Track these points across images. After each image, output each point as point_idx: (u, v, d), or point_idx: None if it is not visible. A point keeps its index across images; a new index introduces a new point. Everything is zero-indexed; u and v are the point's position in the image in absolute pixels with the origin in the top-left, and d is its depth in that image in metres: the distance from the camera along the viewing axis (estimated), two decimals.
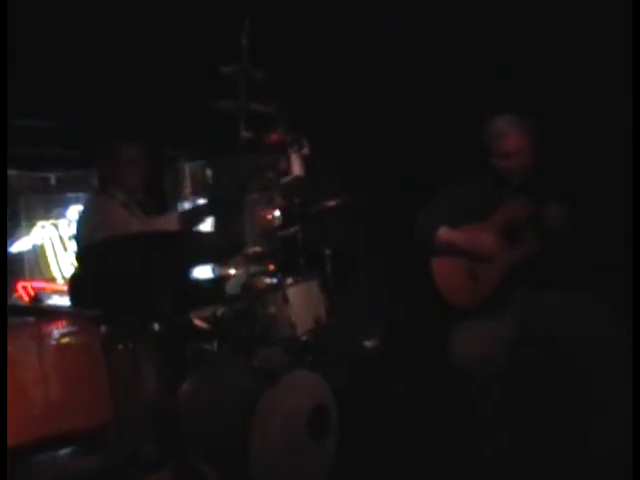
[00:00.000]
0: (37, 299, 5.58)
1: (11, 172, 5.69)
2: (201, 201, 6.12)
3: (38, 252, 6.00)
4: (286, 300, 3.67)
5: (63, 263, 5.96)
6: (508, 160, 3.75)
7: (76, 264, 4.26)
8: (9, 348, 3.32)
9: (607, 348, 3.38)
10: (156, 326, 3.66)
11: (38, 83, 4.87)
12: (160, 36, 5.04)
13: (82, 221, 4.23)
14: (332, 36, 5.16)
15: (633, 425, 2.94)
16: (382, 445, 3.94)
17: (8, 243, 5.63)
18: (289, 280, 3.79)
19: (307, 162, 4.29)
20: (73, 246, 5.91)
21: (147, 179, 4.38)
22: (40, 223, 6.10)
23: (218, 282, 4.41)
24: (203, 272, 4.58)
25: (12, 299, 5.62)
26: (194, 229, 4.22)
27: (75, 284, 4.24)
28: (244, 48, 3.52)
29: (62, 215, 6.21)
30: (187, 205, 6.58)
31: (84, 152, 5.69)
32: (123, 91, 5.29)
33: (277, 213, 4.47)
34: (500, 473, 3.54)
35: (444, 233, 3.81)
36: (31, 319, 4.01)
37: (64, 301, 5.23)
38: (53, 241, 6.02)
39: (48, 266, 5.98)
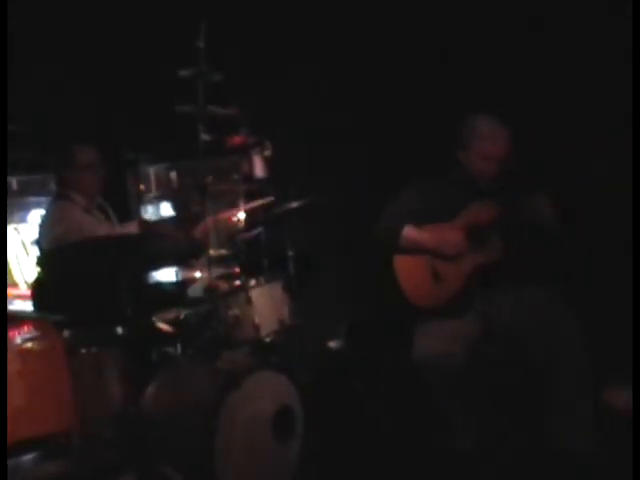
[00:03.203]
0: None
1: None
2: (164, 207, 6.11)
3: None
4: (250, 302, 3.68)
5: (25, 268, 5.91)
6: (487, 163, 3.74)
7: (38, 269, 4.22)
8: None
9: (567, 345, 3.42)
10: (119, 330, 3.66)
11: None
12: (119, 40, 5.02)
13: (45, 227, 4.20)
14: (291, 35, 5.17)
15: (633, 428, 2.97)
16: (347, 445, 3.96)
17: None
18: (252, 282, 3.80)
19: (269, 164, 4.30)
20: (35, 251, 5.86)
21: (106, 183, 4.36)
22: None
23: (181, 285, 4.41)
24: (166, 275, 4.57)
25: None
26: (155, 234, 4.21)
27: (38, 289, 4.21)
28: (201, 51, 3.52)
29: (24, 219, 6.15)
30: (151, 208, 6.56)
31: (46, 156, 5.65)
32: (84, 95, 5.26)
33: (240, 215, 4.46)
34: (464, 470, 3.57)
35: (410, 231, 3.82)
36: None
37: (26, 306, 5.18)
38: (15, 246, 5.96)
39: (10, 271, 5.93)
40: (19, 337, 3.32)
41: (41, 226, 4.25)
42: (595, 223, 3.73)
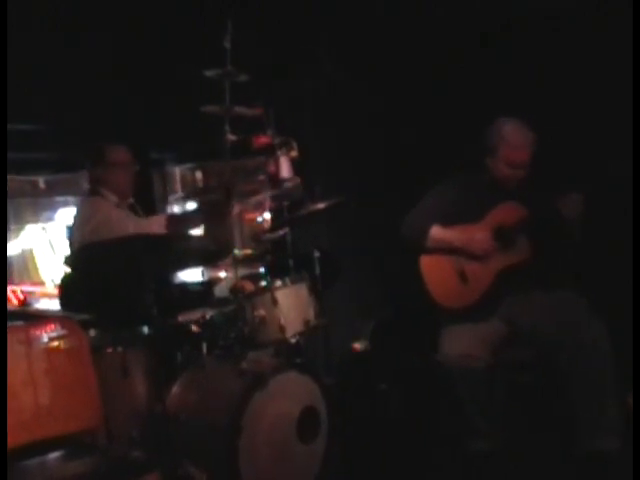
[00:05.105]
0: (26, 303, 5.56)
1: None
2: (190, 207, 6.12)
3: (27, 256, 6.00)
4: (275, 302, 3.67)
5: (52, 267, 5.95)
6: (513, 170, 3.74)
7: (67, 268, 4.24)
8: None
9: (593, 348, 3.40)
10: (145, 330, 3.67)
11: (26, 86, 4.86)
12: (146, 40, 5.04)
13: (78, 223, 4.23)
14: (318, 36, 5.17)
15: (633, 425, 2.95)
16: (371, 445, 3.95)
17: None
18: (278, 282, 3.78)
19: (296, 164, 4.30)
20: (62, 250, 5.89)
21: (136, 181, 4.39)
22: (29, 227, 6.09)
23: (207, 285, 4.41)
24: (192, 275, 4.58)
25: None
26: (182, 232, 4.23)
27: (66, 287, 4.23)
28: (227, 51, 3.52)
29: (51, 218, 6.20)
30: (177, 208, 6.58)
31: (73, 155, 5.68)
32: (110, 95, 5.28)
33: (266, 215, 4.46)
34: (488, 472, 3.56)
35: (437, 231, 3.82)
36: (20, 323, 4.00)
37: (53, 305, 5.21)
38: (42, 245, 6.01)
39: (37, 270, 5.97)
40: (45, 336, 3.34)
41: (73, 224, 4.29)
42: (621, 224, 3.70)
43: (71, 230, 4.28)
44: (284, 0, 4.98)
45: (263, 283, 3.95)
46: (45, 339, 3.38)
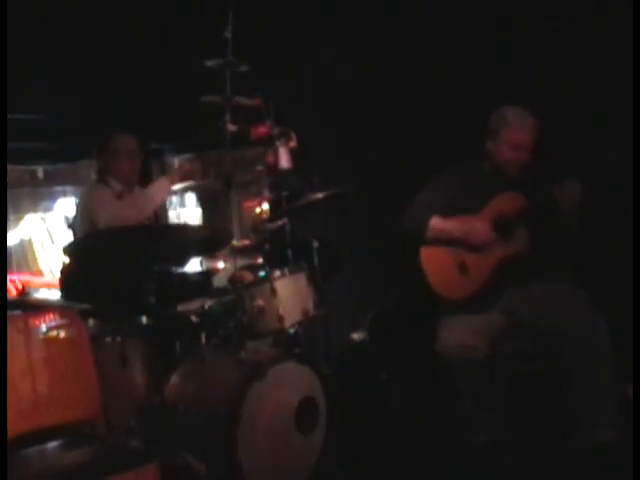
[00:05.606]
0: (25, 293, 5.56)
1: None
2: (189, 200, 6.13)
3: (25, 246, 6.00)
4: (274, 293, 3.67)
5: (51, 256, 5.95)
6: (515, 152, 3.75)
7: (67, 257, 4.25)
8: None
9: (592, 340, 3.40)
10: (144, 320, 3.67)
11: (26, 76, 4.86)
12: (146, 30, 5.03)
13: (81, 212, 4.28)
14: (318, 27, 5.17)
15: (633, 416, 2.95)
16: (370, 436, 3.96)
17: None
18: (277, 273, 3.78)
19: (294, 155, 4.29)
20: (61, 239, 5.90)
21: (141, 170, 4.41)
22: (27, 216, 6.09)
23: (206, 275, 4.41)
24: (191, 265, 4.58)
25: None
26: (183, 222, 4.24)
27: (66, 277, 4.23)
28: (228, 42, 3.52)
29: (49, 208, 6.20)
30: (175, 199, 6.58)
31: (72, 145, 5.68)
32: (110, 85, 5.28)
33: (265, 206, 4.46)
34: (487, 464, 3.56)
35: (437, 222, 3.81)
36: (18, 312, 4.00)
37: (52, 295, 5.22)
38: (41, 234, 6.01)
39: (35, 260, 5.98)
40: (44, 325, 3.34)
41: (75, 213, 4.31)
42: (620, 216, 3.70)
43: (74, 219, 4.29)
44: None
45: (262, 273, 3.95)
46: (44, 329, 3.38)
